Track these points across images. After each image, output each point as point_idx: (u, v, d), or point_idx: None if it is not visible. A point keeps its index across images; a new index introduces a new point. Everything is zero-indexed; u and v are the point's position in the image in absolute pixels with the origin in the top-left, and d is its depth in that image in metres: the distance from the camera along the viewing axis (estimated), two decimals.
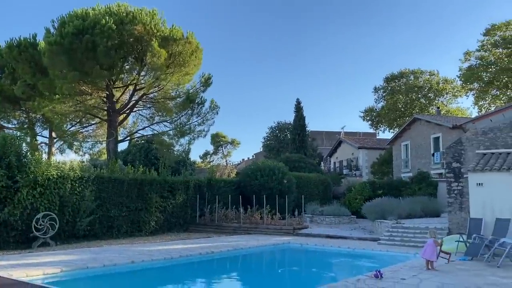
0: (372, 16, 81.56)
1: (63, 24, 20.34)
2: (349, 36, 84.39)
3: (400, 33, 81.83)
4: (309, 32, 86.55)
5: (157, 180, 19.11)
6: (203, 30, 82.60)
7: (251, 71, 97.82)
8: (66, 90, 20.65)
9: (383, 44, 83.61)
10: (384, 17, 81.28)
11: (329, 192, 27.77)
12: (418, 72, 51.72)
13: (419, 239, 14.30)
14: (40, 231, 13.91)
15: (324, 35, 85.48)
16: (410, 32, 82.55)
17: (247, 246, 13.76)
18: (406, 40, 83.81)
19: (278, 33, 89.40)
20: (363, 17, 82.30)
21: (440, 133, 29.76)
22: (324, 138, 60.78)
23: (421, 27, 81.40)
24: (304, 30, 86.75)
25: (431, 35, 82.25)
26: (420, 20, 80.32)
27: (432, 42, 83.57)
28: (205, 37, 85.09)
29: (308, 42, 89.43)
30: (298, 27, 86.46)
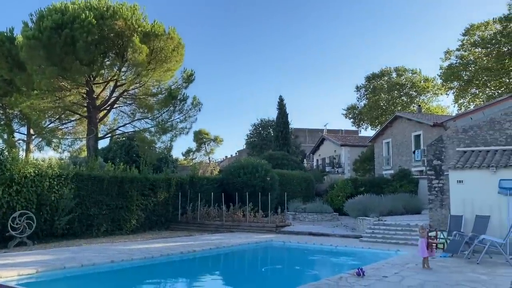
0: (355, 13, 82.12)
1: (41, 18, 19.85)
2: (332, 34, 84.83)
3: (382, 31, 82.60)
4: (292, 29, 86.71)
5: (138, 177, 18.83)
6: (185, 26, 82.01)
7: (234, 68, 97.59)
8: (45, 85, 20.18)
9: (366, 42, 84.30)
10: (367, 15, 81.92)
11: (312, 190, 27.84)
12: (401, 70, 52.33)
13: (400, 236, 14.44)
14: (17, 230, 13.53)
15: (307, 33, 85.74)
16: (393, 31, 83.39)
17: (229, 244, 13.65)
18: (388, 39, 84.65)
19: (260, 30, 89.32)
20: (346, 15, 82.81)
21: (421, 131, 30.11)
22: (307, 135, 60.99)
23: (404, 26, 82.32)
24: (287, 26, 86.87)
25: (413, 34, 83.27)
26: (403, 19, 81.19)
27: (413, 41, 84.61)
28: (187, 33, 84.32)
29: (291, 39, 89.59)
30: (280, 23, 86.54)
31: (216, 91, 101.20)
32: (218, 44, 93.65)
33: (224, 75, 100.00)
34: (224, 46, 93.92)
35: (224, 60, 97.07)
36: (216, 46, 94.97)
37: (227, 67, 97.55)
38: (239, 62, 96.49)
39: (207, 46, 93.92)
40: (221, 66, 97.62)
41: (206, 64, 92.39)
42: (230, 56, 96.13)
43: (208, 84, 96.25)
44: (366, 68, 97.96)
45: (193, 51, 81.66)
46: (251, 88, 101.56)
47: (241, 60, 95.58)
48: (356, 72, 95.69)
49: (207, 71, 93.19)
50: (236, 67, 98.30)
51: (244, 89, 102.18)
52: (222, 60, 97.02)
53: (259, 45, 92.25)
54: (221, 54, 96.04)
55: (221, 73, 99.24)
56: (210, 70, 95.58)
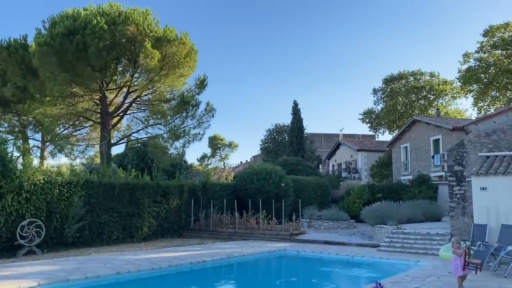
0: (372, 17, 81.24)
1: (53, 25, 19.83)
2: (348, 37, 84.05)
3: (399, 34, 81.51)
4: (308, 33, 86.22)
5: (150, 184, 18.53)
6: (199, 31, 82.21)
7: (248, 73, 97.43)
8: (57, 92, 20.12)
9: (382, 46, 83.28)
10: (384, 18, 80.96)
11: (328, 196, 27.21)
12: (418, 73, 51.34)
13: (420, 245, 13.79)
14: (25, 239, 13.33)
15: (322, 36, 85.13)
16: (409, 34, 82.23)
17: (241, 253, 13.18)
18: (405, 42, 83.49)
19: (276, 35, 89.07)
20: (362, 19, 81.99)
21: (440, 135, 29.27)
22: (322, 140, 60.29)
23: (421, 28, 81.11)
24: (302, 31, 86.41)
25: (431, 36, 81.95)
26: (420, 22, 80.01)
27: (431, 44, 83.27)
28: (201, 38, 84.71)
29: (307, 43, 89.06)
30: (296, 27, 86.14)
31: (230, 96, 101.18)
32: (234, 49, 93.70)
33: (240, 80, 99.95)
34: (239, 51, 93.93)
35: (239, 65, 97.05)
36: (231, 51, 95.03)
37: (242, 72, 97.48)
38: (254, 67, 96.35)
39: (221, 50, 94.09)
40: (236, 71, 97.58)
41: (221, 69, 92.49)
42: (245, 61, 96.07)
43: (223, 89, 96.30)
44: (383, 72, 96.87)
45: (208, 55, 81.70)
46: (266, 93, 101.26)
47: (256, 65, 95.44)
48: (373, 76, 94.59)
49: (222, 76, 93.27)
50: (251, 72, 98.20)
51: (259, 94, 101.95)
52: (237, 65, 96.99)
53: (275, 49, 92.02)
54: (237, 59, 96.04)
55: (237, 78, 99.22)
56: (225, 75, 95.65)
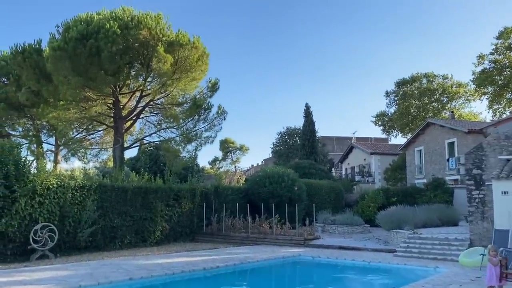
0: (384, 19, 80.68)
1: (67, 29, 19.96)
2: (360, 40, 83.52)
3: (412, 36, 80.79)
4: (319, 36, 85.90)
5: (163, 188, 18.45)
6: (210, 34, 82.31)
7: (259, 75, 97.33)
8: (70, 96, 20.24)
9: (395, 48, 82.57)
10: (396, 20, 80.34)
11: (341, 200, 26.87)
12: (431, 76, 50.72)
13: (438, 250, 13.46)
14: (39, 243, 13.31)
15: (335, 39, 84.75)
16: (422, 36, 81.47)
17: (255, 259, 12.97)
18: (418, 44, 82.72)
19: (287, 37, 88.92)
20: (374, 21, 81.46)
21: (455, 138, 28.80)
22: (335, 143, 59.81)
23: (434, 30, 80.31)
24: (313, 33, 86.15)
25: (444, 38, 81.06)
26: (433, 24, 79.26)
27: (444, 46, 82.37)
28: (212, 41, 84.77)
29: (319, 46, 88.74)
30: (308, 31, 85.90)
31: (241, 99, 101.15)
32: (244, 52, 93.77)
33: (250, 82, 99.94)
34: (250, 54, 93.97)
35: (250, 68, 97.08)
36: (242, 53, 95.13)
37: (253, 75, 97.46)
38: (265, 70, 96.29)
39: (233, 54, 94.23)
40: (247, 74, 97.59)
41: (231, 72, 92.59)
42: (256, 63, 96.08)
43: (233, 92, 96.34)
44: (396, 74, 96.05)
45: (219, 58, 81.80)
46: (277, 96, 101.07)
47: (267, 67, 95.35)
48: (385, 79, 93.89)
49: (232, 79, 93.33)
50: (262, 74, 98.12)
51: (270, 97, 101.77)
52: (248, 67, 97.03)
53: (286, 52, 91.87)
54: (248, 62, 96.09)
55: (247, 81, 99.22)
56: (235, 78, 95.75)
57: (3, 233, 12.91)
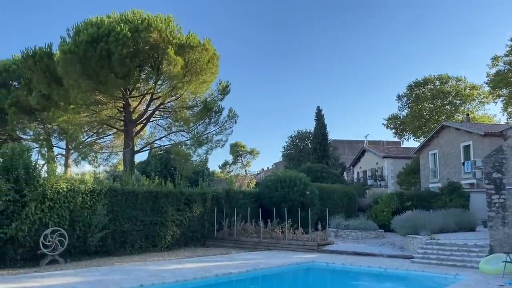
0: (396, 21, 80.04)
1: (78, 32, 19.89)
2: (370, 42, 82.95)
3: (425, 38, 79.99)
4: (330, 39, 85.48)
5: (173, 192, 18.20)
6: (220, 37, 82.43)
7: (269, 79, 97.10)
8: (81, 99, 20.15)
9: (408, 51, 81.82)
10: (408, 22, 79.63)
11: (354, 204, 26.42)
12: (445, 78, 49.98)
13: (457, 257, 13.01)
14: (49, 248, 13.13)
15: (345, 42, 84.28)
16: (435, 38, 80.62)
17: (268, 265, 12.64)
18: (431, 47, 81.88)
19: (297, 40, 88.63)
20: (386, 23, 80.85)
21: (470, 141, 28.22)
22: (346, 147, 59.30)
23: (447, 32, 79.44)
24: (324, 36, 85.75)
25: (457, 40, 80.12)
26: (445, 26, 78.41)
27: (458, 48, 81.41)
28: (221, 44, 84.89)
29: (329, 48, 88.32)
30: (318, 33, 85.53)
31: (252, 102, 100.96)
32: (255, 55, 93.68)
33: (261, 86, 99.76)
34: (260, 57, 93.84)
35: (260, 71, 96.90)
36: (252, 56, 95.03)
37: (263, 78, 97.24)
38: (275, 73, 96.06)
39: (243, 57, 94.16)
40: (257, 77, 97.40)
41: (241, 75, 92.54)
42: (266, 67, 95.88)
43: (244, 96, 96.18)
44: (408, 77, 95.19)
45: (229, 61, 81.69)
46: (287, 99, 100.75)
47: (277, 70, 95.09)
48: (397, 81, 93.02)
49: (242, 82, 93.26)
50: (272, 78, 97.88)
51: (280, 101, 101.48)
52: (258, 70, 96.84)
53: (297, 56, 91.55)
54: (258, 65, 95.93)
55: (257, 84, 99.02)
56: (245, 81, 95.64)
57: (13, 237, 12.75)
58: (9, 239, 12.67)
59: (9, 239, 12.67)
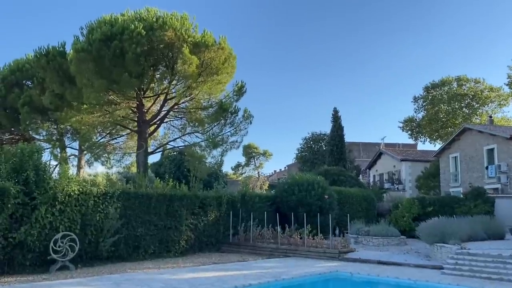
0: (413, 22, 78.74)
1: (91, 31, 19.47)
2: (386, 44, 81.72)
3: (441, 40, 78.53)
4: (344, 40, 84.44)
5: (188, 195, 17.56)
6: (235, 38, 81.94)
7: (283, 80, 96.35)
8: (94, 99, 19.68)
9: (423, 52, 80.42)
10: (425, 24, 78.28)
11: (373, 209, 25.51)
12: (463, 79, 48.74)
13: (492, 269, 12.09)
14: (59, 254, 12.56)
15: (360, 43, 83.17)
16: (452, 39, 79.12)
17: (289, 275, 11.86)
18: (448, 48, 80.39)
19: (312, 42, 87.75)
20: (402, 24, 79.57)
21: (495, 144, 27.16)
22: (361, 149, 58.38)
23: (464, 33, 77.90)
24: (338, 38, 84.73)
25: (475, 41, 78.52)
26: (463, 27, 76.88)
27: (476, 49, 79.82)
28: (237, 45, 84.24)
29: (343, 50, 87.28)
30: (334, 36, 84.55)
31: (264, 103, 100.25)
32: (269, 56, 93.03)
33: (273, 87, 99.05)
34: (274, 58, 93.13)
35: (273, 72, 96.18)
36: (267, 58, 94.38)
37: (276, 79, 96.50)
38: (288, 74, 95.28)
39: (258, 58, 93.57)
40: (270, 78, 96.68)
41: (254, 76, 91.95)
42: (278, 68, 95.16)
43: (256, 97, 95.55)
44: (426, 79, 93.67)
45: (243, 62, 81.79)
46: (300, 100, 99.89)
47: (290, 72, 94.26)
48: (412, 83, 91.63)
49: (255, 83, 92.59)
50: (285, 79, 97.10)
51: (293, 102, 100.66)
52: (271, 72, 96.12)
53: (310, 57, 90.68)
54: (271, 66, 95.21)
55: (270, 86, 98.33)
56: (258, 82, 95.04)
57: (22, 242, 12.21)
58: (18, 243, 12.13)
59: (18, 243, 12.13)
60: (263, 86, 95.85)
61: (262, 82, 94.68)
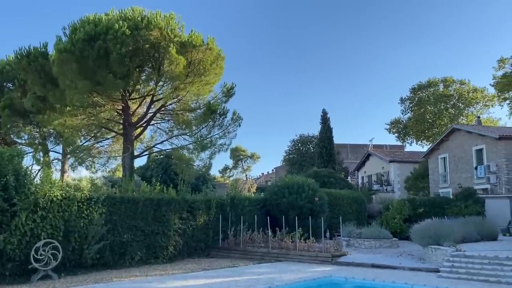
0: (400, 26, 79.25)
1: (74, 31, 18.77)
2: (374, 47, 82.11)
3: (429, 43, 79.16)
4: (332, 44, 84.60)
5: (176, 199, 17.05)
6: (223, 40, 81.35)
7: (269, 82, 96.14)
8: (77, 101, 19.01)
9: (411, 54, 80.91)
10: (413, 27, 78.85)
11: (364, 211, 25.24)
12: (449, 81, 49.16)
13: (489, 271, 11.85)
14: (41, 262, 11.97)
15: (347, 45, 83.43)
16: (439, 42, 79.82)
17: (283, 281, 11.43)
18: (434, 50, 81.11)
19: (300, 45, 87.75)
20: (391, 28, 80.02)
21: (483, 145, 27.16)
22: (348, 151, 58.31)
23: (450, 36, 78.66)
24: (326, 41, 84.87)
25: (461, 44, 79.34)
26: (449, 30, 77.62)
27: (462, 51, 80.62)
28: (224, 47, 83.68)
29: (330, 54, 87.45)
30: (321, 39, 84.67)
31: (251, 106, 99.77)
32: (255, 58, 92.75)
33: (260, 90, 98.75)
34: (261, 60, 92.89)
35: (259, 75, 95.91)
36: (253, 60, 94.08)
37: (262, 82, 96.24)
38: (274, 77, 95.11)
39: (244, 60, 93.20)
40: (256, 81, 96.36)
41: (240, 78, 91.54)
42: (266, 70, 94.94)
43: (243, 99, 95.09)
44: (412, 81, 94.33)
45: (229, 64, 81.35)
46: (287, 103, 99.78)
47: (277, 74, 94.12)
48: (398, 85, 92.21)
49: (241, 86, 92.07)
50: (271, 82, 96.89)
51: (280, 105, 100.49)
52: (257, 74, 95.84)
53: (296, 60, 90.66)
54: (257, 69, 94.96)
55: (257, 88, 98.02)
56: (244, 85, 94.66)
57: (1, 251, 11.63)
58: None
59: None
60: (250, 88, 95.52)
61: (249, 84, 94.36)
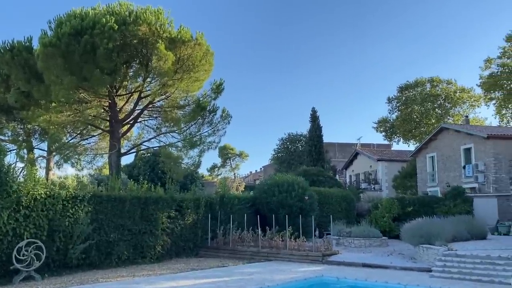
0: (387, 24, 79.57)
1: (60, 25, 18.30)
2: (361, 45, 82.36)
3: (416, 41, 79.62)
4: (319, 42, 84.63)
5: (164, 198, 16.72)
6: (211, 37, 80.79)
7: (257, 80, 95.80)
8: (63, 97, 18.55)
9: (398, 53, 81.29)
10: (399, 25, 79.22)
11: (353, 210, 25.15)
12: (436, 80, 49.41)
13: (481, 271, 11.76)
14: (23, 263, 11.56)
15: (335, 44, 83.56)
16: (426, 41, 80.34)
17: (274, 282, 11.18)
18: (423, 50, 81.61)
19: (288, 42, 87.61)
20: (377, 26, 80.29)
21: (471, 144, 27.27)
22: (336, 150, 58.33)
23: (437, 35, 79.23)
24: (314, 39, 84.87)
25: (448, 43, 79.96)
26: (436, 29, 78.19)
27: (449, 50, 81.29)
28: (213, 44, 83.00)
29: (319, 52, 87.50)
30: (308, 36, 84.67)
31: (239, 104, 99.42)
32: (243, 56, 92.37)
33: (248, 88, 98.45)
34: (249, 58, 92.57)
35: (247, 73, 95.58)
36: (241, 57, 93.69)
37: (251, 80, 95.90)
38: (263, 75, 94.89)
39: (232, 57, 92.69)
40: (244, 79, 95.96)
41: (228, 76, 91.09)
42: (254, 68, 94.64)
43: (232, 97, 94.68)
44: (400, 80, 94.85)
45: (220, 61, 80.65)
46: (276, 101, 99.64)
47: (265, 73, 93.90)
48: (386, 84, 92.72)
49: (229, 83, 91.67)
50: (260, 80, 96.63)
51: (268, 103, 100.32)
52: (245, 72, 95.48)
53: (286, 58, 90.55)
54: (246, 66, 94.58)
55: (245, 86, 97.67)
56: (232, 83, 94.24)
57: None
58: None
59: None
60: (238, 86, 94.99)
61: (237, 82, 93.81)
